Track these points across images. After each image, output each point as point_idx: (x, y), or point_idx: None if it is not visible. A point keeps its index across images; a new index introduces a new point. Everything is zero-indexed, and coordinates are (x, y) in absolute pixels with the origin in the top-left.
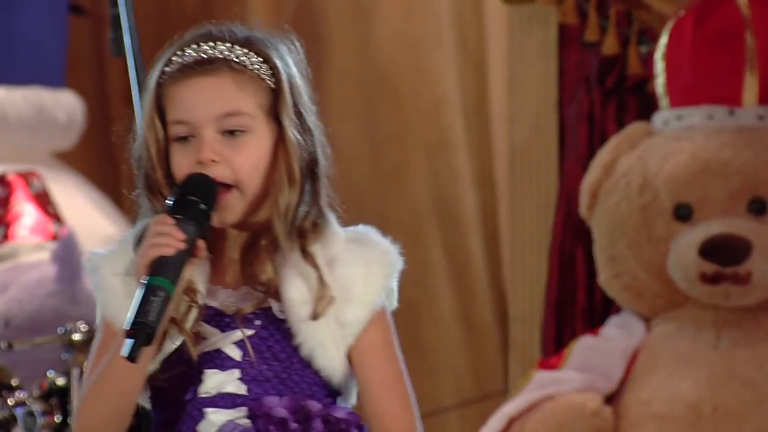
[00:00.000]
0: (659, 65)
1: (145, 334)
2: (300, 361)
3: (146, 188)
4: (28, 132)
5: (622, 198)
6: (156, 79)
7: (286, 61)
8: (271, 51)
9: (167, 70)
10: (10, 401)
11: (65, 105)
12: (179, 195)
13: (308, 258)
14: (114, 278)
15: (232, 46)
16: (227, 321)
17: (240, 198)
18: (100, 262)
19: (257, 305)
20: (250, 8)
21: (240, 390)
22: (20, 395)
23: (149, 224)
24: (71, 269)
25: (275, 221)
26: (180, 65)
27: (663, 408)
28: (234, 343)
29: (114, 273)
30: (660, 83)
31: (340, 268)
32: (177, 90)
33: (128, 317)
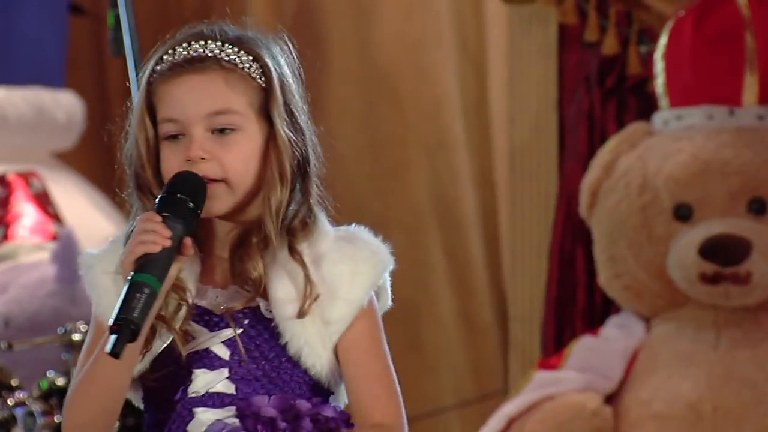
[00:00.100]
0: (659, 65)
1: (129, 330)
2: (289, 360)
3: (136, 187)
4: (28, 132)
5: (622, 198)
6: (147, 78)
7: (278, 60)
8: (262, 50)
9: (158, 69)
10: (10, 401)
11: (65, 105)
12: (167, 193)
13: (296, 256)
14: (105, 277)
15: (223, 45)
16: (216, 320)
17: (228, 191)
18: (93, 262)
19: (245, 304)
20: (250, 9)
21: (229, 389)
22: (20, 395)
23: (137, 222)
24: (71, 269)
25: (266, 219)
26: (170, 64)
27: (663, 408)
28: (222, 343)
29: (105, 272)
30: (660, 83)
31: (327, 266)
32: (167, 88)
33: (113, 313)
